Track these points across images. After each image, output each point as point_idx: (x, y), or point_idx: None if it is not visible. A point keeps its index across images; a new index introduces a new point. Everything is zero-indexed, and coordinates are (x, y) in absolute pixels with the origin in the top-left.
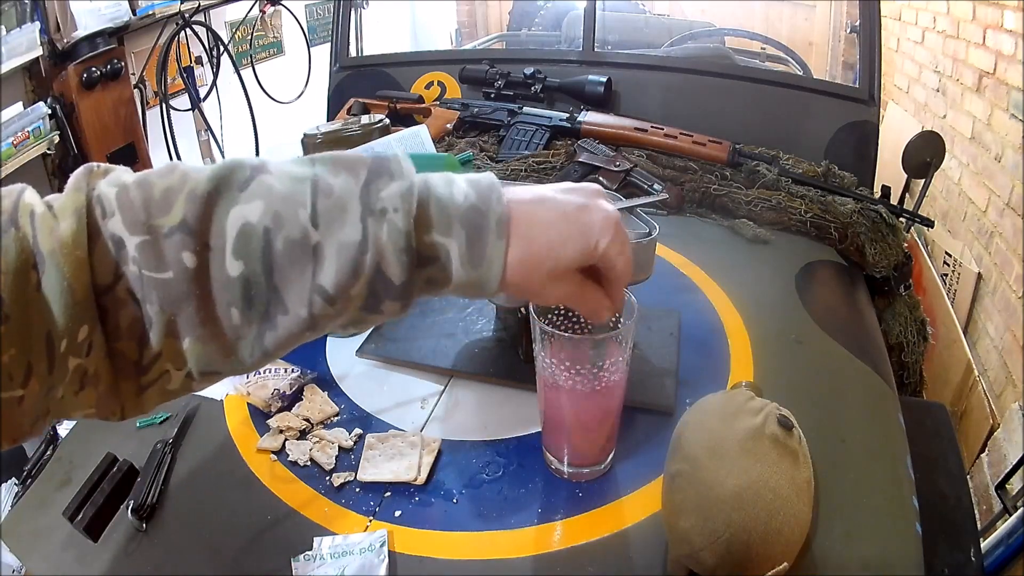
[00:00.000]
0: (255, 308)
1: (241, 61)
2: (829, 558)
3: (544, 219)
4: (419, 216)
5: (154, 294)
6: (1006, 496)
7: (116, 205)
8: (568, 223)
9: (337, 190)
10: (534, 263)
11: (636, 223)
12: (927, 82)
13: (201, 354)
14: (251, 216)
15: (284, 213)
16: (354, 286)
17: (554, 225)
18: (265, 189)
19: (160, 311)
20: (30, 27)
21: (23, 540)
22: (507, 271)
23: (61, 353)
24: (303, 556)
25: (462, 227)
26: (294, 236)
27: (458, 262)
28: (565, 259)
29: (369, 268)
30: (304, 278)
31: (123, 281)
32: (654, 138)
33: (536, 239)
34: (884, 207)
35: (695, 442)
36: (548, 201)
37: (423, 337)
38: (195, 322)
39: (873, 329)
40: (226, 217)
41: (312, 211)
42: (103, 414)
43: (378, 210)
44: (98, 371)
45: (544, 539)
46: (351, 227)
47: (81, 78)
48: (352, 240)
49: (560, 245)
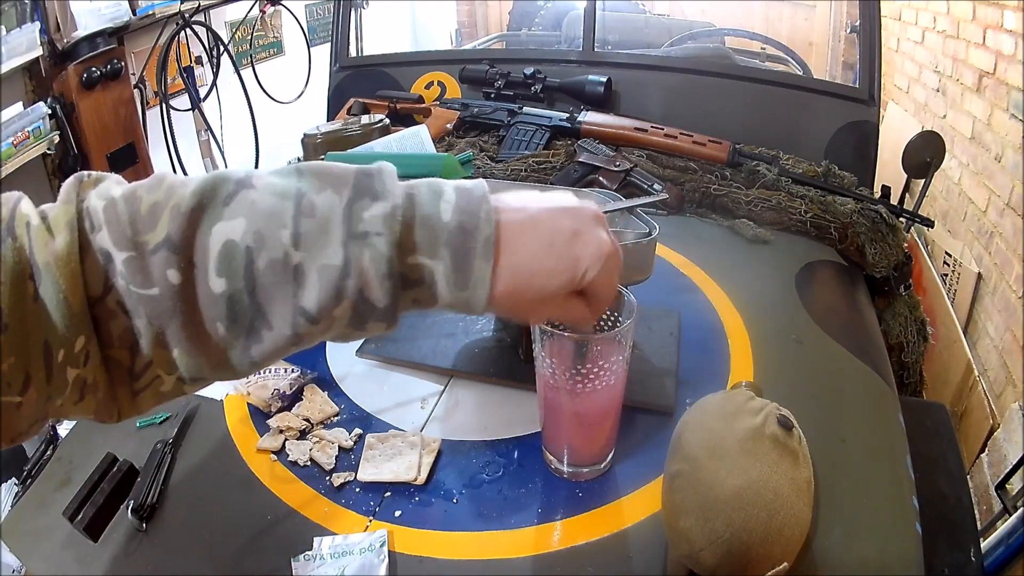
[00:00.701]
0: (240, 323)
1: (241, 61)
2: (829, 558)
3: (531, 246)
4: (403, 238)
5: (141, 308)
6: (1006, 496)
7: (103, 219)
8: (556, 255)
9: (320, 210)
10: (519, 289)
11: (636, 223)
12: (927, 82)
13: (190, 364)
14: (233, 234)
15: (266, 232)
16: (337, 308)
17: (541, 253)
18: (248, 205)
19: (148, 324)
20: (30, 27)
21: (23, 540)
22: (496, 288)
23: (59, 363)
24: (303, 556)
25: (448, 249)
26: (276, 256)
27: (444, 283)
28: (550, 289)
29: (352, 292)
30: (287, 299)
31: (113, 293)
32: (654, 138)
33: (522, 267)
34: (884, 207)
35: (695, 442)
36: (539, 225)
37: (423, 337)
38: (182, 336)
39: (873, 329)
40: (209, 234)
41: (294, 230)
42: (101, 417)
43: (360, 233)
44: (96, 380)
45: (544, 539)
46: (333, 250)
47: (81, 78)
48: (334, 263)
49: (546, 276)
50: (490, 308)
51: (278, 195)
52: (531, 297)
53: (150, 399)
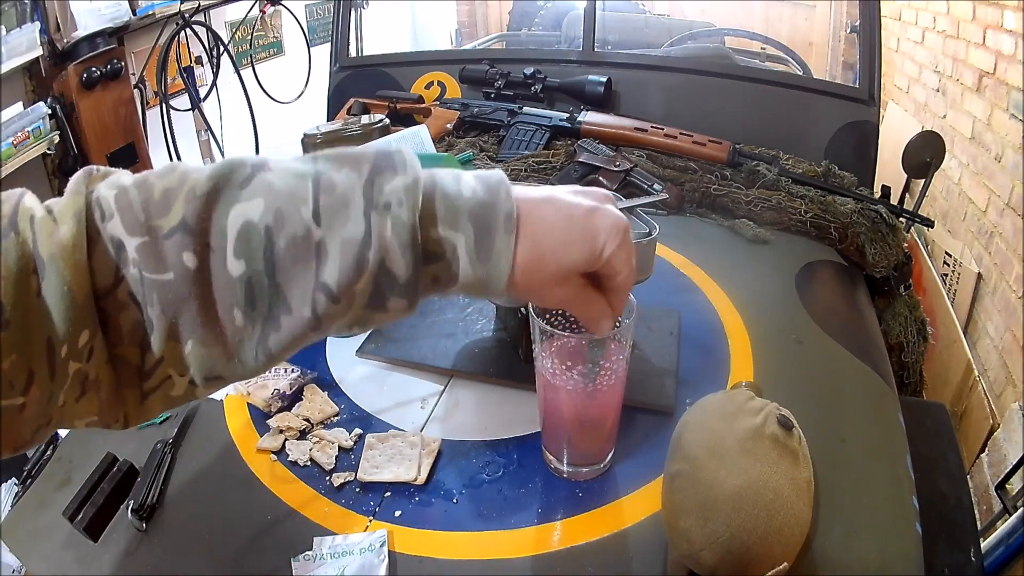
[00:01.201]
0: (258, 309)
1: (241, 61)
2: (829, 558)
3: (551, 219)
4: (425, 210)
5: (155, 296)
6: (1006, 496)
7: (115, 207)
8: (575, 225)
9: (340, 186)
10: (539, 264)
11: (636, 223)
12: (927, 82)
13: (204, 358)
14: (252, 215)
15: (286, 211)
16: (358, 282)
17: (561, 226)
18: (266, 186)
19: (161, 314)
20: (30, 27)
21: (23, 540)
22: (515, 270)
23: (62, 359)
24: (303, 556)
25: (470, 222)
26: (296, 233)
27: (465, 259)
28: (569, 261)
29: (373, 264)
30: (307, 276)
31: (123, 284)
32: (654, 138)
33: (543, 239)
34: (884, 207)
35: (695, 442)
36: (556, 201)
37: (423, 337)
38: (197, 324)
39: (873, 329)
40: (227, 216)
41: (314, 207)
42: (106, 421)
43: (382, 204)
44: (99, 377)
45: (544, 539)
46: (354, 223)
47: (81, 78)
48: (355, 236)
49: (566, 247)
50: (509, 287)
51: (296, 176)
52: (550, 273)
53: (159, 403)
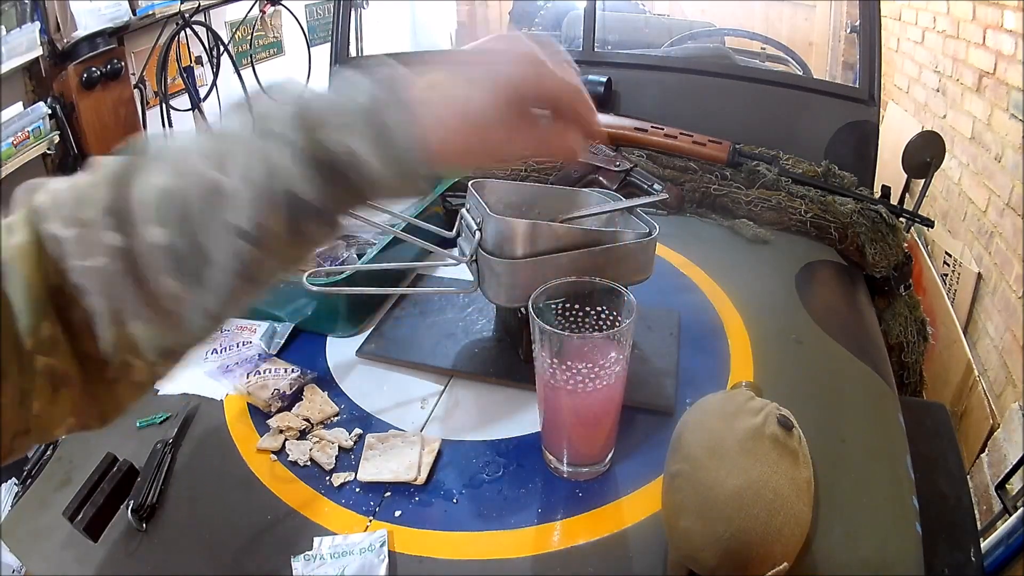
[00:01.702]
0: (186, 272)
1: (241, 61)
2: (829, 558)
3: (444, 78)
4: (315, 124)
5: (94, 283)
6: (1006, 496)
7: (51, 207)
8: (469, 68)
9: (230, 130)
10: (453, 129)
11: (636, 223)
12: (927, 82)
13: (151, 336)
14: (160, 181)
15: (188, 168)
16: (271, 217)
17: (456, 77)
18: (170, 152)
19: (101, 299)
20: (30, 27)
21: (23, 540)
22: (430, 142)
23: (28, 351)
24: (303, 556)
25: (362, 120)
26: (202, 186)
27: (372, 156)
28: (478, 109)
29: (279, 193)
30: (221, 224)
31: (67, 279)
32: (654, 138)
33: (442, 99)
34: (884, 207)
35: (695, 442)
36: (447, 64)
37: (423, 337)
38: (136, 303)
39: (873, 329)
40: (143, 189)
41: (213, 157)
42: (83, 421)
43: (272, 133)
44: (68, 372)
45: (544, 539)
46: (249, 158)
47: (81, 78)
48: (254, 171)
49: (466, 99)
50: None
51: (193, 136)
52: (472, 130)
53: (126, 391)
